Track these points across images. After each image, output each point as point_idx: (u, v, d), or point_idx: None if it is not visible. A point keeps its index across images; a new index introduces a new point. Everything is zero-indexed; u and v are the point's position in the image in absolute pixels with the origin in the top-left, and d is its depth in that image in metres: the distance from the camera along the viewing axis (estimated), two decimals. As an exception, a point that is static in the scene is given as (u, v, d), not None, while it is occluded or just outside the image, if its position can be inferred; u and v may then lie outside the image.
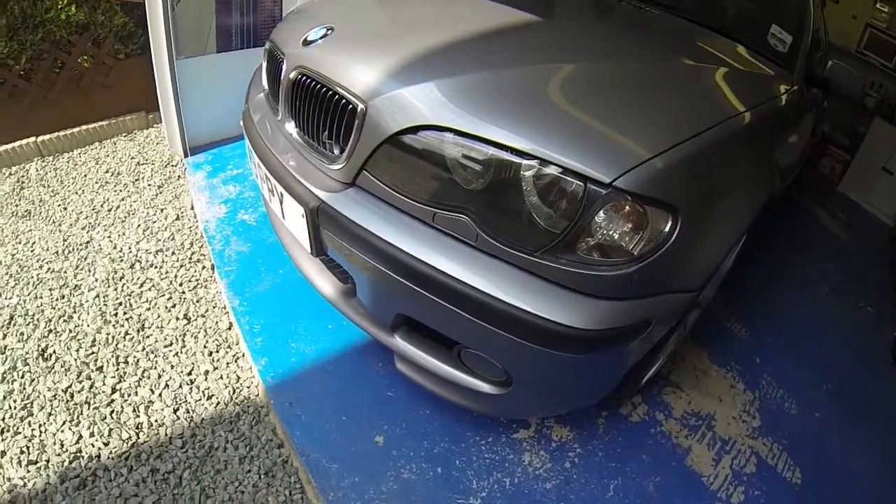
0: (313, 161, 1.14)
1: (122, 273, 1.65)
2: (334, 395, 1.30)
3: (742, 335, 1.92)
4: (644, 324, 1.01)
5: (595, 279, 0.93)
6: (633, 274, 0.92)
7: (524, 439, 1.33)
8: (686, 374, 1.67)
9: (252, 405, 1.33)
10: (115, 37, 2.25)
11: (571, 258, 0.92)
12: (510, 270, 0.95)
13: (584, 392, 1.21)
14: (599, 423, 1.43)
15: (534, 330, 0.93)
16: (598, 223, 0.90)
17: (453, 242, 0.98)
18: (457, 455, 1.26)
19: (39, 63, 2.08)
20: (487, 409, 1.20)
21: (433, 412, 1.32)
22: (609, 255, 0.92)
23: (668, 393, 1.58)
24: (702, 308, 1.61)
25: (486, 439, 1.31)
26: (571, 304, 0.93)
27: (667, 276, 0.99)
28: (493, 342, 0.99)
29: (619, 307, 0.96)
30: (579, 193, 0.88)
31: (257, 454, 1.23)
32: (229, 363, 1.41)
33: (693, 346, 1.77)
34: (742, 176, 1.14)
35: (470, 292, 0.94)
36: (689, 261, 1.01)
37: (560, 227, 0.91)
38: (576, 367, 1.02)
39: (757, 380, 1.72)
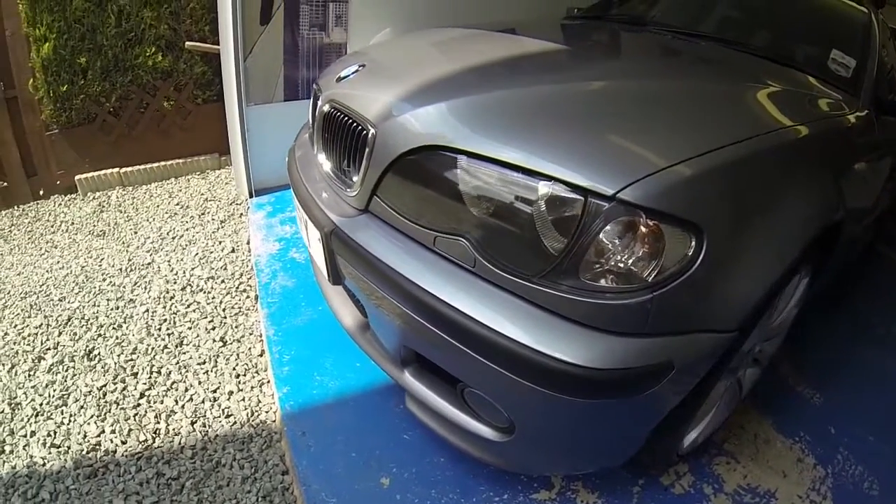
0: (337, 190, 1.31)
1: (174, 294, 1.97)
2: (348, 431, 1.42)
3: (815, 401, 1.81)
4: (665, 368, 0.94)
5: (602, 309, 0.90)
6: (647, 304, 0.89)
7: (544, 501, 1.33)
8: (744, 443, 1.61)
9: (266, 430, 1.48)
10: (194, 84, 2.86)
11: (574, 284, 0.90)
12: (508, 299, 0.95)
13: (600, 449, 1.17)
14: (634, 491, 1.40)
15: (530, 366, 0.91)
16: (603, 243, 0.88)
17: (452, 268, 1.02)
18: None
19: (127, 103, 2.69)
20: (493, 459, 1.20)
21: (448, 461, 1.38)
22: (618, 282, 0.89)
23: (721, 464, 1.52)
24: (762, 365, 1.58)
25: (501, 496, 1.32)
26: (574, 339, 0.91)
27: (692, 311, 0.95)
28: (490, 379, 0.99)
29: (631, 344, 0.92)
30: (579, 208, 0.88)
31: (260, 477, 1.36)
32: (254, 387, 1.60)
33: (754, 412, 1.72)
34: (788, 196, 1.08)
35: (464, 321, 0.95)
36: (721, 294, 0.95)
37: (558, 247, 0.90)
38: (584, 416, 1.00)
39: (831, 454, 1.62)
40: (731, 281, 0.97)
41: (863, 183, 1.60)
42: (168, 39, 2.76)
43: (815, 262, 1.41)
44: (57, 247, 2.29)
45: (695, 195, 0.91)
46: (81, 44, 2.58)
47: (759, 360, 1.61)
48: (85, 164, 2.69)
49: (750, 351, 1.38)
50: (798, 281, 1.35)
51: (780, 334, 1.57)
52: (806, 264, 1.31)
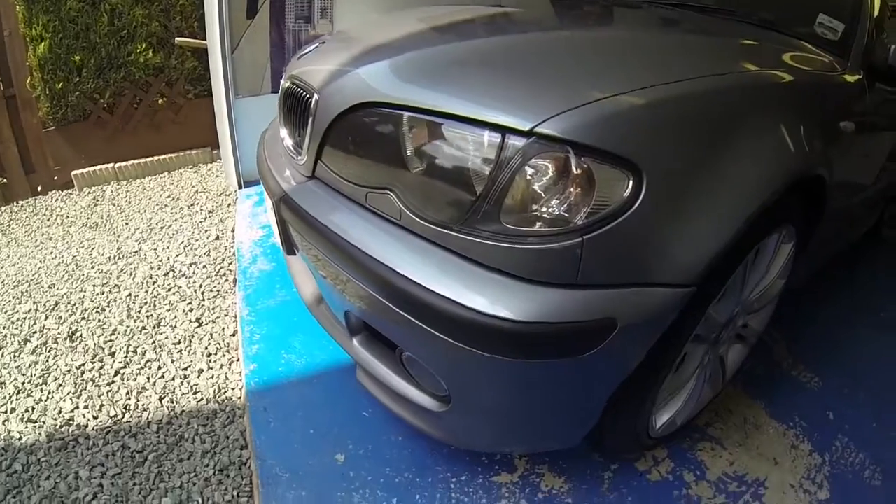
0: (292, 162, 1.33)
1: (157, 279, 2.02)
2: (309, 407, 1.44)
3: (812, 385, 1.72)
4: (605, 326, 0.87)
5: (528, 256, 0.84)
6: (576, 250, 0.82)
7: (505, 484, 1.29)
8: (732, 428, 1.53)
9: (231, 406, 1.51)
10: (185, 79, 2.92)
11: (496, 230, 0.85)
12: (432, 250, 0.92)
13: (547, 424, 1.10)
14: (605, 476, 1.34)
15: (452, 321, 0.87)
16: (524, 183, 0.83)
17: (382, 223, 1.00)
18: (419, 489, 1.26)
19: (121, 99, 2.76)
20: (438, 433, 1.16)
21: (405, 439, 1.37)
22: (543, 225, 0.84)
23: (705, 449, 1.44)
24: (749, 344, 1.53)
25: (459, 477, 1.29)
26: (496, 290, 0.85)
27: (632, 260, 0.87)
28: (419, 339, 0.95)
29: (562, 297, 0.84)
30: (496, 148, 0.83)
31: (220, 451, 1.38)
32: (223, 366, 1.64)
33: (744, 396, 1.64)
34: (745, 140, 0.99)
35: (390, 276, 0.93)
36: (666, 243, 0.88)
37: (476, 190, 0.86)
38: (518, 381, 0.95)
39: (829, 440, 1.53)
40: (678, 230, 0.88)
41: (852, 147, 1.51)
42: (159, 36, 2.82)
43: (799, 227, 1.33)
44: (52, 239, 2.37)
45: (631, 130, 0.84)
46: (76, 42, 2.65)
47: (745, 338, 1.54)
48: (81, 160, 2.77)
49: (729, 324, 1.32)
50: (775, 244, 1.27)
51: (765, 308, 1.49)
52: (783, 226, 1.23)
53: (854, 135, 1.51)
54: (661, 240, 0.88)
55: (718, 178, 0.93)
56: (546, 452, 1.37)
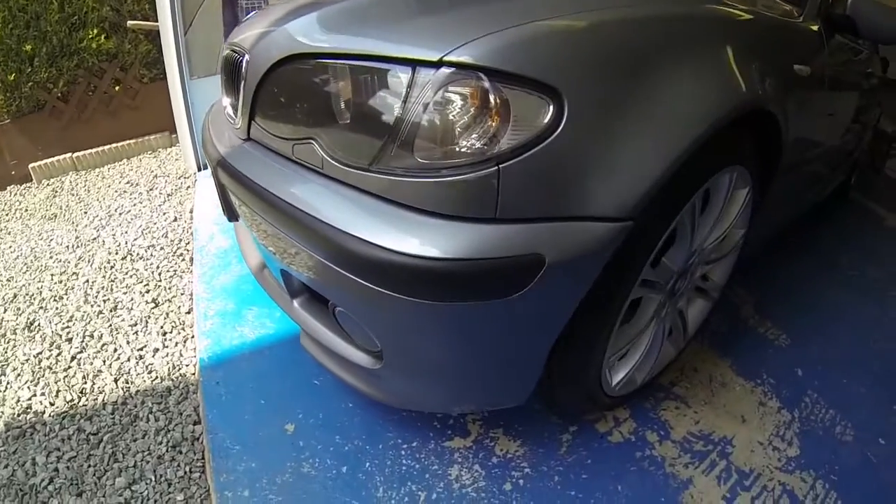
0: (230, 127, 1.30)
1: (114, 263, 1.99)
2: (260, 378, 1.43)
3: (780, 343, 1.70)
4: (532, 263, 0.83)
5: (443, 190, 0.81)
6: (493, 180, 0.79)
7: (458, 449, 1.26)
8: (697, 386, 1.48)
9: (185, 382, 1.50)
10: (140, 63, 2.85)
11: (409, 166, 0.82)
12: (350, 194, 0.90)
13: (484, 378, 1.06)
14: (564, 439, 1.29)
15: (368, 263, 0.84)
16: (435, 115, 0.80)
17: (307, 174, 0.99)
18: (369, 456, 1.23)
19: (75, 87, 2.69)
20: (376, 393, 1.13)
21: (356, 406, 1.35)
22: (456, 155, 0.80)
23: (669, 409, 1.40)
24: (712, 298, 1.49)
25: (411, 443, 1.26)
26: (412, 227, 0.82)
27: (556, 191, 0.83)
28: (343, 288, 0.93)
29: (482, 232, 0.81)
30: (407, 81, 0.81)
31: (173, 428, 1.38)
32: (178, 343, 1.62)
33: (710, 353, 1.60)
34: (684, 71, 0.96)
35: (311, 224, 0.91)
36: (595, 173, 0.84)
37: (389, 127, 0.83)
38: (448, 329, 0.91)
39: (798, 397, 1.50)
40: (605, 159, 0.84)
41: (810, 96, 1.48)
42: (111, 21, 2.74)
43: (753, 171, 1.27)
44: (10, 233, 2.34)
45: (550, 56, 0.81)
46: (26, 31, 2.58)
47: (707, 292, 1.49)
48: (38, 152, 2.72)
49: (685, 273, 1.26)
50: (727, 187, 1.21)
51: (724, 259, 1.46)
52: (734, 167, 1.17)
53: (812, 83, 1.47)
54: (588, 170, 0.83)
55: (649, 107, 0.89)
56: (501, 416, 1.34)
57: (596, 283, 0.93)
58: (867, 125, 2.98)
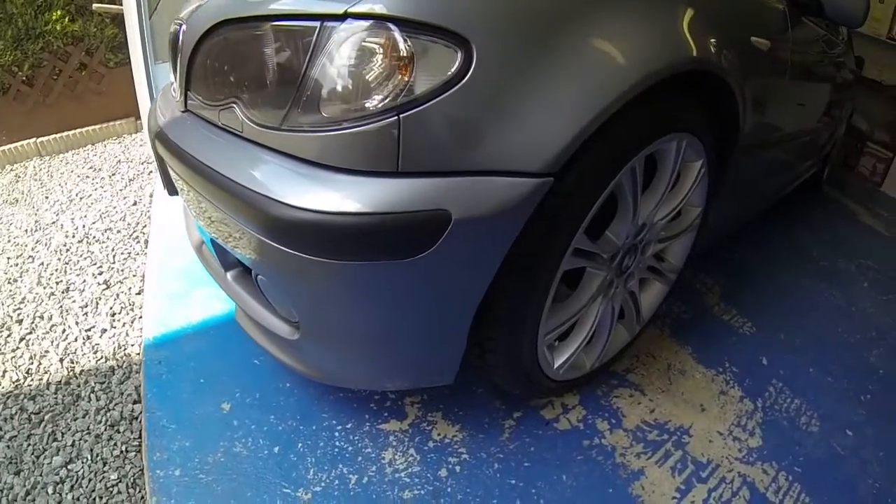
0: (173, 102, 1.26)
1: (70, 246, 1.99)
2: (201, 358, 1.42)
3: (745, 331, 1.66)
4: (437, 219, 0.80)
5: (344, 143, 0.79)
6: (393, 130, 0.76)
7: (393, 431, 1.24)
8: (654, 374, 1.43)
9: (129, 362, 1.50)
10: (106, 47, 2.79)
11: (316, 121, 0.81)
12: (264, 155, 0.88)
13: (401, 351, 1.02)
14: (506, 425, 1.25)
15: (272, 220, 0.83)
16: (339, 67, 0.78)
17: (231, 138, 0.97)
18: (302, 437, 1.22)
19: (40, 70, 2.64)
20: (302, 367, 1.11)
21: (294, 386, 1.33)
22: (357, 107, 0.78)
23: (622, 396, 1.35)
24: (668, 281, 1.45)
25: (345, 425, 1.24)
26: (314, 183, 0.80)
27: (465, 143, 0.80)
28: (254, 249, 0.92)
29: (383, 186, 0.78)
30: (313, 36, 0.79)
31: (113, 407, 1.38)
32: (126, 324, 1.62)
33: (670, 342, 1.56)
34: (612, 22, 0.91)
35: (226, 185, 0.90)
36: (509, 124, 0.80)
37: (296, 84, 0.82)
38: (358, 292, 0.88)
39: (762, 386, 1.45)
40: (518, 111, 0.80)
41: (771, 73, 1.44)
42: (77, 3, 2.68)
43: (706, 142, 1.22)
44: (-29, 218, 2.32)
45: (458, 2, 0.78)
46: (-9, 14, 2.53)
47: (663, 274, 1.44)
48: (2, 137, 2.68)
49: (634, 250, 1.22)
50: (675, 157, 1.15)
51: (680, 239, 1.41)
52: (680, 134, 1.12)
53: (774, 61, 1.43)
54: (499, 122, 0.80)
55: (571, 58, 0.84)
56: (441, 399, 1.32)
57: (518, 248, 0.90)
58: (840, 120, 2.95)
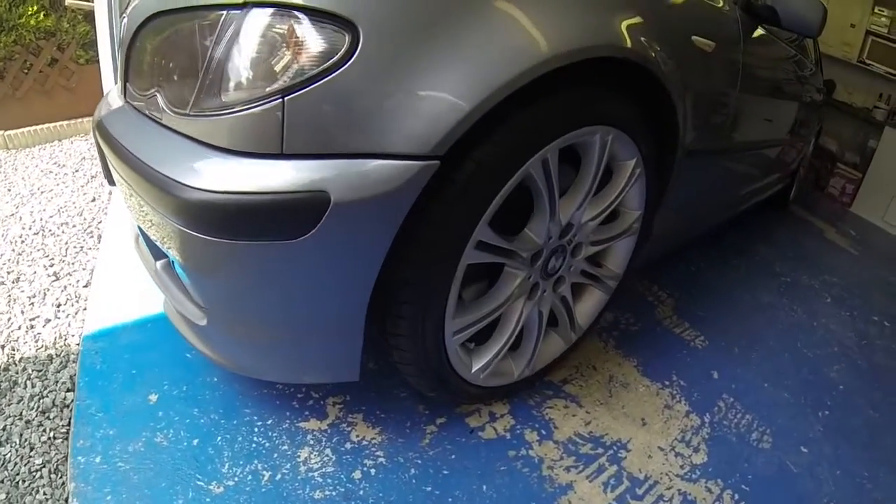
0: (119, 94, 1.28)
1: (26, 238, 2.01)
2: (136, 350, 1.47)
3: (697, 344, 1.61)
4: (317, 200, 0.81)
5: (235, 126, 0.82)
6: (278, 113, 0.79)
7: (312, 430, 1.24)
8: (594, 386, 1.37)
9: (68, 352, 1.54)
10: (77, 43, 2.82)
11: (215, 106, 0.84)
12: (174, 139, 0.91)
13: (295, 337, 1.02)
14: (428, 430, 1.24)
15: (167, 198, 0.85)
16: (236, 52, 0.82)
17: (153, 126, 0.99)
18: (222, 431, 1.23)
19: (11, 63, 2.65)
20: (212, 354, 1.12)
21: (221, 381, 1.36)
22: (248, 91, 0.82)
23: (556, 407, 1.30)
24: (607, 289, 1.40)
25: (265, 421, 1.26)
26: (206, 163, 0.83)
27: (348, 125, 0.81)
28: (161, 230, 0.94)
29: (266, 166, 0.81)
30: (218, 23, 0.83)
31: (47, 394, 1.41)
32: (70, 315, 1.65)
33: (615, 353, 1.50)
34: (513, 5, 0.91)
35: (140, 169, 0.92)
36: (392, 106, 0.82)
37: (201, 70, 0.85)
38: (245, 272, 0.90)
39: (711, 400, 1.39)
40: (404, 93, 0.82)
41: (715, 74, 1.42)
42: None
43: (638, 140, 1.20)
44: (-68, 207, 2.33)
45: None
46: (-36, 6, 2.54)
47: (601, 281, 1.40)
48: (-31, 129, 2.69)
49: (559, 251, 1.20)
50: (599, 153, 1.13)
51: (619, 243, 1.37)
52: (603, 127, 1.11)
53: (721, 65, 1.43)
54: (383, 104, 0.81)
55: (461, 39, 0.85)
56: (364, 400, 1.33)
57: (413, 235, 0.92)
58: (807, 138, 2.95)
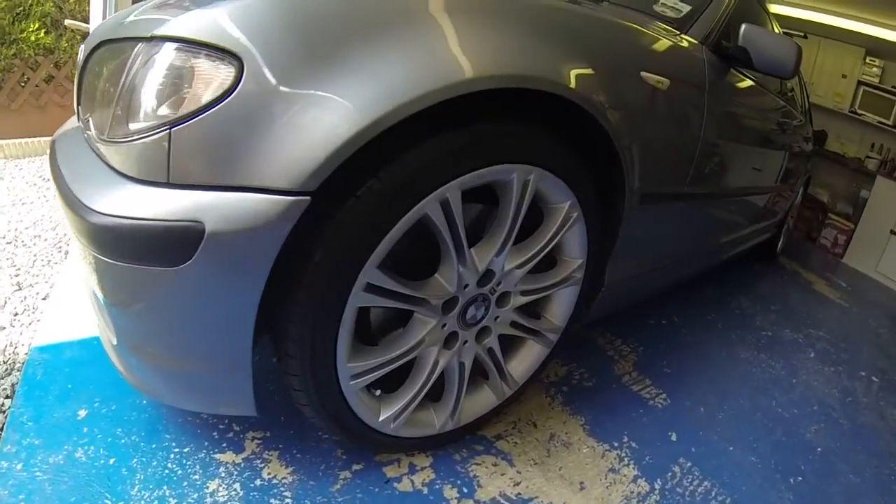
0: None
1: (-4, 247, 2.11)
2: (76, 365, 1.54)
3: (657, 403, 1.51)
4: (190, 231, 0.82)
5: (132, 153, 0.85)
6: (164, 143, 0.82)
7: (226, 462, 1.23)
8: (531, 444, 1.28)
9: (14, 360, 1.62)
10: (73, 62, 2.95)
11: (123, 134, 0.87)
12: (92, 164, 0.94)
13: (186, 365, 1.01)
14: (342, 475, 1.22)
15: (75, 218, 0.88)
16: (142, 85, 0.86)
17: (85, 149, 1.02)
18: (140, 453, 1.24)
19: (9, 75, 2.80)
20: (127, 374, 1.11)
21: (149, 404, 1.39)
22: (145, 121, 0.85)
23: (484, 464, 1.22)
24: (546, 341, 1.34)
25: (183, 448, 1.26)
26: (108, 189, 0.87)
27: (227, 157, 0.82)
28: (78, 249, 0.96)
29: (150, 194, 0.83)
30: (130, 56, 0.87)
31: (-16, 400, 1.50)
32: (24, 325, 1.74)
33: (560, 410, 1.40)
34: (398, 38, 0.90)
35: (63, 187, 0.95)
36: (268, 139, 0.82)
37: (112, 99, 0.89)
38: (140, 296, 0.92)
39: (664, 464, 1.29)
40: (280, 126, 0.82)
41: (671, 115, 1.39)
42: (53, 17, 2.86)
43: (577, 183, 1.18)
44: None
45: (238, 23, 0.82)
46: (-31, 17, 2.69)
47: (540, 333, 1.33)
48: (-36, 135, 2.82)
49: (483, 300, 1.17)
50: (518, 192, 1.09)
51: (556, 292, 1.32)
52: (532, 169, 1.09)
53: (681, 105, 1.41)
54: (259, 137, 0.82)
55: (343, 70, 0.85)
56: (282, 438, 1.33)
57: (297, 273, 0.93)
58: (793, 187, 2.88)
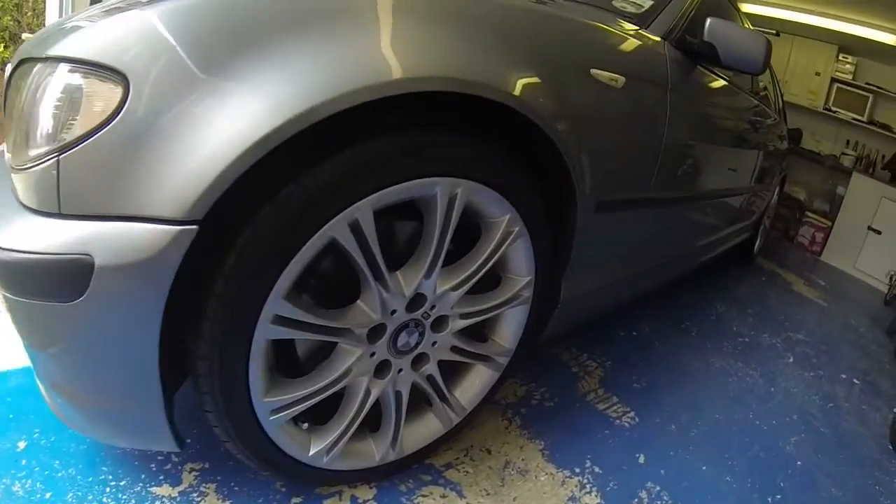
0: None
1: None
2: (21, 394, 1.46)
3: (624, 422, 1.41)
4: (79, 264, 0.77)
5: (25, 182, 0.81)
6: (53, 171, 0.77)
7: (162, 496, 1.21)
8: (483, 472, 1.21)
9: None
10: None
11: (23, 161, 0.81)
12: (9, 196, 0.89)
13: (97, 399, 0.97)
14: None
15: None
16: (34, 109, 0.80)
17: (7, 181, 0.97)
18: (76, 487, 1.22)
19: (-28, 91, 2.77)
20: (51, 405, 1.06)
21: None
22: (38, 147, 0.80)
23: (431, 495, 1.16)
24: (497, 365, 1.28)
25: (119, 481, 1.24)
26: (7, 216, 0.82)
27: (113, 185, 0.77)
28: None
29: (39, 225, 0.79)
30: (29, 76, 0.82)
31: (-68, 422, 1.40)
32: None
33: (518, 434, 1.32)
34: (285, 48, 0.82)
35: None
36: (152, 166, 0.77)
37: (16, 124, 0.84)
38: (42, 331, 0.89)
39: (630, 490, 1.20)
40: (165, 151, 0.77)
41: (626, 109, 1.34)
42: (11, 31, 2.79)
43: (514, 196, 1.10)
44: None
45: (126, 41, 0.77)
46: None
47: (489, 358, 1.26)
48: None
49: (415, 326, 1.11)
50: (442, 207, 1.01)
51: (504, 313, 1.25)
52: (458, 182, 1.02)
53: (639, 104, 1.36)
54: (144, 163, 0.77)
55: (230, 87, 0.80)
56: (221, 470, 1.30)
57: (197, 307, 0.89)
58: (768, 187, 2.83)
